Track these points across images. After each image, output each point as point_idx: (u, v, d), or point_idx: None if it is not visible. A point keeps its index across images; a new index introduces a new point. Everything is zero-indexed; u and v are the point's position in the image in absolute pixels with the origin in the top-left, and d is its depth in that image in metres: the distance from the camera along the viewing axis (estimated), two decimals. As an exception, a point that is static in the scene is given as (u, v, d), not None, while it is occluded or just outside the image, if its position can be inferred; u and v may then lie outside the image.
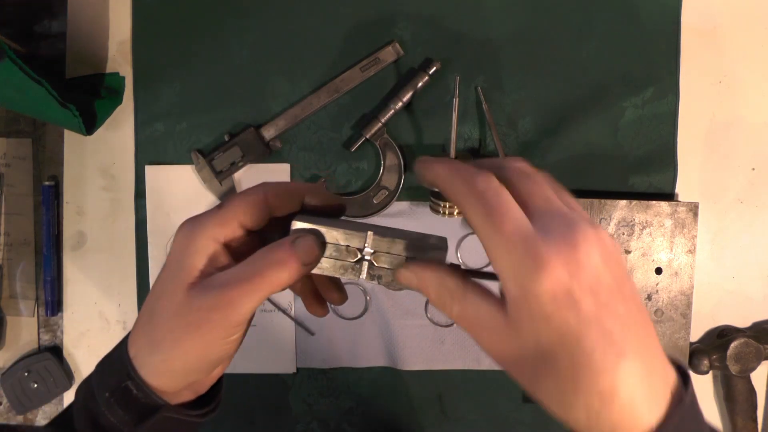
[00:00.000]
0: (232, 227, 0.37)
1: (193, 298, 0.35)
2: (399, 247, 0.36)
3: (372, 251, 0.36)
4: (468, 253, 0.68)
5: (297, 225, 0.36)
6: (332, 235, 0.36)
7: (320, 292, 0.42)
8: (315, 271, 0.36)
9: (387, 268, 0.37)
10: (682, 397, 0.30)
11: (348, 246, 0.37)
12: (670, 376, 0.31)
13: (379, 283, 0.37)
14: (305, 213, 0.38)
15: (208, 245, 0.36)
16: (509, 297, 0.31)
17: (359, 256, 0.37)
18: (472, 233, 0.67)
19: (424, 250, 0.36)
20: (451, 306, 0.33)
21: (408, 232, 0.37)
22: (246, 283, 0.34)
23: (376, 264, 0.37)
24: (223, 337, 0.35)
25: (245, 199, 0.37)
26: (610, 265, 0.30)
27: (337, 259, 0.37)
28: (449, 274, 0.33)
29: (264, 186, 0.38)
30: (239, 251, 0.37)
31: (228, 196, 0.38)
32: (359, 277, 0.37)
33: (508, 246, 0.30)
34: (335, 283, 0.42)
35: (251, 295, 0.34)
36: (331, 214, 0.39)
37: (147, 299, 0.37)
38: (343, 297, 0.42)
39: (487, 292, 0.33)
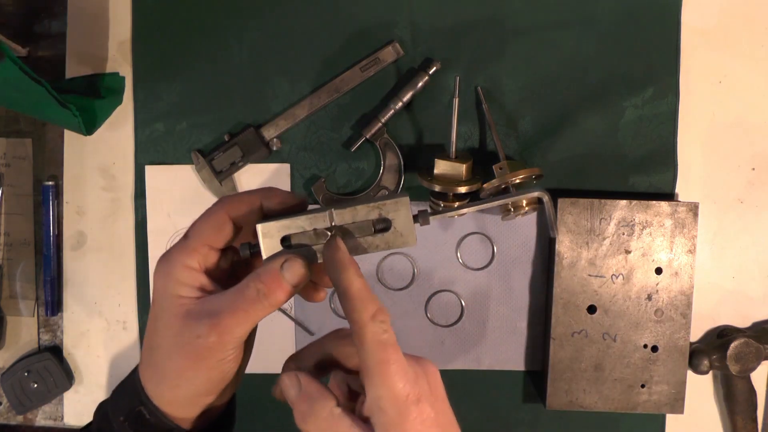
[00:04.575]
0: (202, 253, 0.38)
1: (187, 327, 0.36)
2: (362, 213, 0.37)
3: (339, 227, 0.37)
4: (468, 252, 0.68)
5: (261, 229, 0.37)
6: (297, 224, 0.37)
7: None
8: None
9: (358, 238, 0.38)
10: None
11: (315, 229, 0.38)
12: None
13: (354, 256, 0.37)
14: (268, 217, 0.39)
15: (185, 276, 0.37)
16: None
17: (329, 235, 0.38)
18: (472, 233, 0.67)
19: (387, 208, 0.37)
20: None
21: (369, 198, 0.37)
22: (239, 311, 0.36)
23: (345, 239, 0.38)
24: (222, 359, 0.37)
25: (206, 223, 0.38)
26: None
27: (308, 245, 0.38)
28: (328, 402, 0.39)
29: (222, 202, 0.39)
30: (220, 270, 0.39)
31: (192, 224, 0.39)
32: None
33: None
34: (314, 285, 0.41)
35: (244, 322, 0.36)
36: (295, 211, 0.40)
37: (145, 337, 0.39)
38: (321, 295, 0.42)
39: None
